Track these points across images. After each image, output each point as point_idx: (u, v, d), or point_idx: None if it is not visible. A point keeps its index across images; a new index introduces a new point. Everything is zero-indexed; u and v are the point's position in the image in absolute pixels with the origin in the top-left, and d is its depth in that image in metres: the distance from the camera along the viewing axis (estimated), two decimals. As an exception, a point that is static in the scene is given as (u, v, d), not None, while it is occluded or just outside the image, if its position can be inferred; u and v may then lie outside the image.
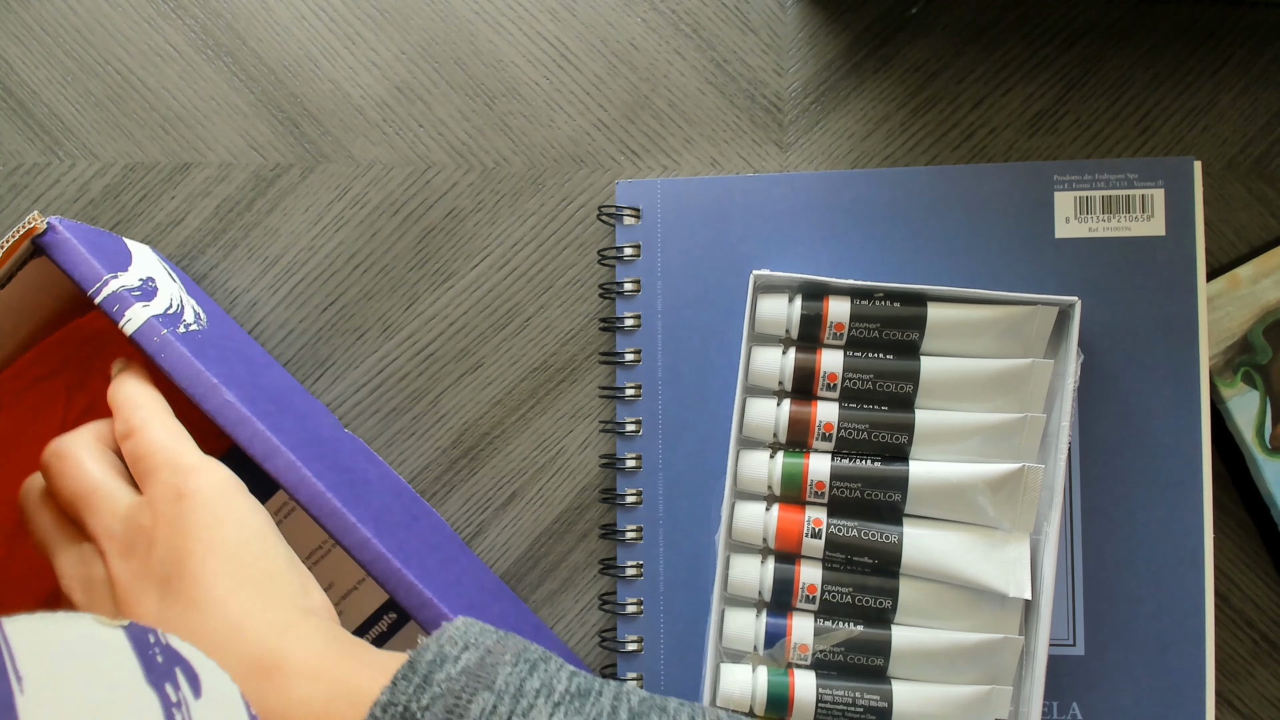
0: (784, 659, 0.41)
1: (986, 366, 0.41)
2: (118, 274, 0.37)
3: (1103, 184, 0.43)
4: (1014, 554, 0.40)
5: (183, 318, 0.39)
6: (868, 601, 0.40)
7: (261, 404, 0.38)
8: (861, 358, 0.42)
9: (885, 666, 0.40)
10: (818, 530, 0.41)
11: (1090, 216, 0.43)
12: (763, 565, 0.41)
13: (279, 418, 0.38)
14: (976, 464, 0.40)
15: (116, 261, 0.38)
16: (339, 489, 0.37)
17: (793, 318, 0.42)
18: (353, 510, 0.36)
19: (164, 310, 0.38)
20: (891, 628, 0.40)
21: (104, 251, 0.38)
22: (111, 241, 0.40)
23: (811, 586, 0.41)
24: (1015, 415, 0.40)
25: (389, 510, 0.40)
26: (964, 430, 0.41)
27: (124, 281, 0.37)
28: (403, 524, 0.40)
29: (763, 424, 0.42)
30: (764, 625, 0.41)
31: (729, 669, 0.41)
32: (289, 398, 0.42)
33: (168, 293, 0.40)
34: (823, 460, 0.41)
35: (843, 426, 0.41)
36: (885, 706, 0.39)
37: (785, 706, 0.40)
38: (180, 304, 0.40)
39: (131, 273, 0.38)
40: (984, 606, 0.40)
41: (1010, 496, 0.40)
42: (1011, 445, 0.41)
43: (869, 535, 0.40)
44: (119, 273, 0.37)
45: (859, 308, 0.42)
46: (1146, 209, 0.42)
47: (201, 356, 0.37)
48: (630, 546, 0.44)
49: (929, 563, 0.40)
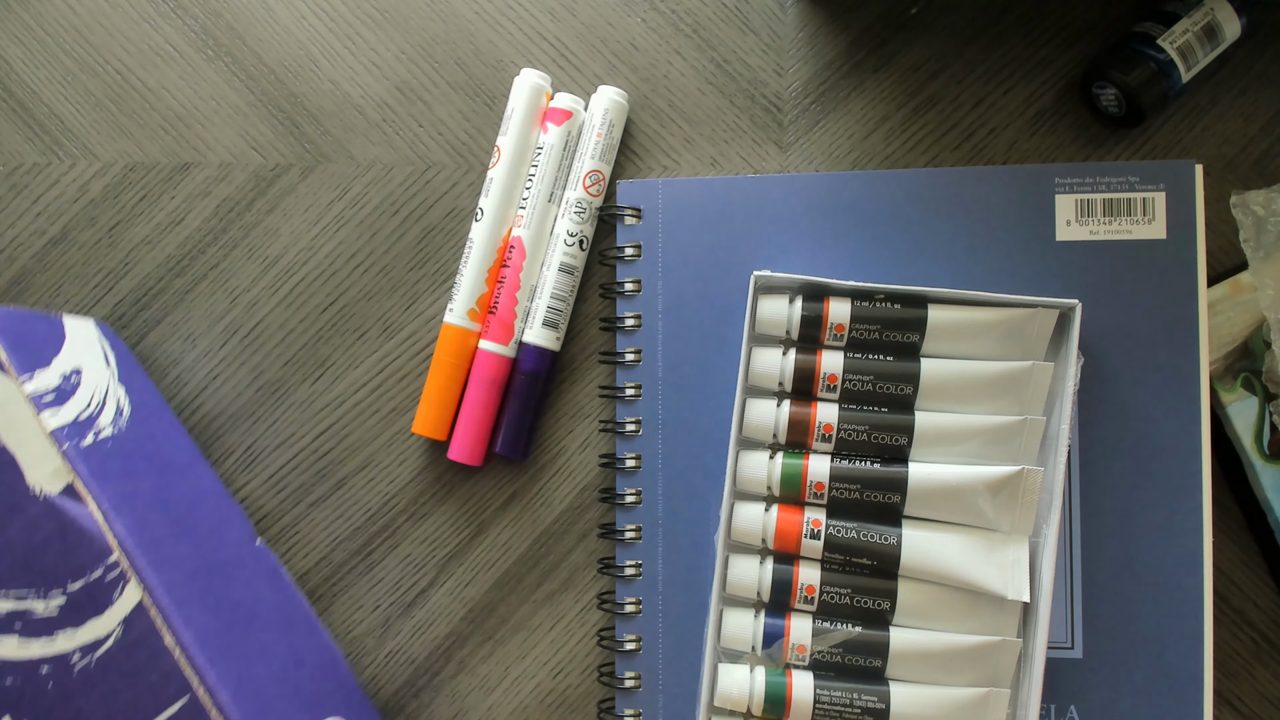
0: (782, 659, 0.41)
1: (987, 369, 0.41)
2: (35, 373, 0.36)
3: (1104, 187, 0.43)
4: (1013, 556, 0.40)
5: (95, 423, 0.38)
6: (866, 603, 0.41)
7: (153, 530, 0.37)
8: (862, 359, 0.42)
9: (883, 668, 0.40)
10: (817, 531, 0.41)
11: (1091, 219, 0.43)
12: (761, 566, 0.42)
13: (170, 545, 0.38)
14: (976, 466, 0.40)
15: (41, 355, 0.37)
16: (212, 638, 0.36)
17: (793, 319, 0.42)
18: (216, 667, 0.36)
19: (75, 417, 0.37)
20: (890, 629, 0.40)
21: (28, 344, 0.37)
22: (44, 326, 0.39)
23: (810, 587, 0.41)
24: (1015, 418, 0.40)
25: (266, 657, 0.39)
26: (964, 432, 0.41)
27: (39, 384, 0.36)
28: (276, 676, 0.39)
29: (762, 424, 0.42)
30: (762, 625, 0.41)
31: (727, 669, 0.41)
32: (196, 511, 0.42)
33: (90, 387, 0.39)
34: (822, 461, 0.41)
35: (842, 428, 0.41)
36: (882, 708, 0.39)
37: (783, 707, 0.40)
38: (102, 401, 0.39)
39: (54, 368, 0.38)
40: (982, 609, 0.40)
41: (1009, 499, 0.40)
42: (1011, 448, 0.41)
43: (868, 536, 0.41)
44: (37, 370, 0.37)
45: (860, 309, 0.42)
46: (1148, 212, 0.42)
47: (101, 475, 0.36)
48: (629, 546, 0.44)
49: (928, 564, 0.40)
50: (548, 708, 0.46)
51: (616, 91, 0.46)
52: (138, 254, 0.48)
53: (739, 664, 0.41)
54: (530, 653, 0.46)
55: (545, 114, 0.46)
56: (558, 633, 0.47)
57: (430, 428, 0.46)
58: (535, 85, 0.46)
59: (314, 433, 0.48)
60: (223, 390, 0.48)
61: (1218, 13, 0.43)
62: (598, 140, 0.45)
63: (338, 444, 0.48)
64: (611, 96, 0.46)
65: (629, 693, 0.44)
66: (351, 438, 0.48)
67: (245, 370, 0.48)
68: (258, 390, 0.48)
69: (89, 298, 0.48)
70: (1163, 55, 0.43)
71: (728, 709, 0.41)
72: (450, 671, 0.47)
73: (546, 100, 0.46)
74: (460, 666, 0.47)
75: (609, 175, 0.46)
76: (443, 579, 0.47)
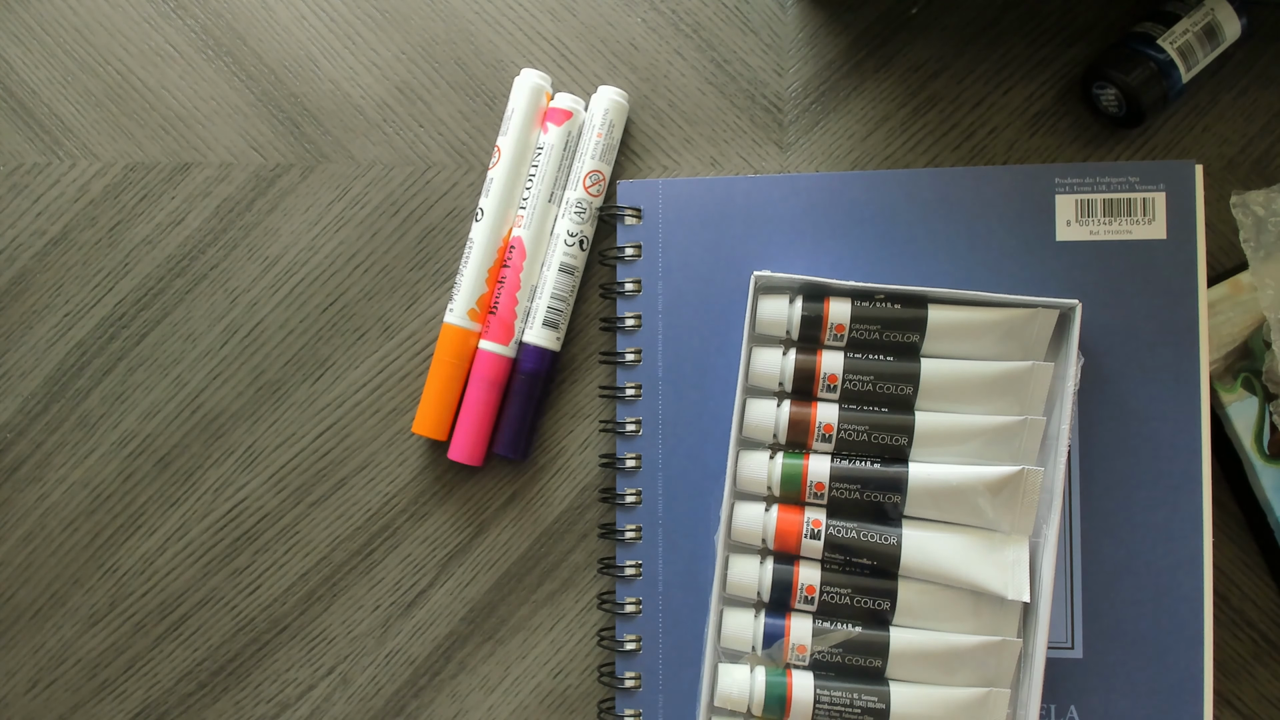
0: (782, 659, 0.41)
1: (987, 369, 0.41)
2: None
3: (1104, 187, 0.43)
4: (1013, 556, 0.40)
5: None
6: (866, 603, 0.41)
7: None
8: (862, 359, 0.42)
9: (883, 668, 0.40)
10: (817, 531, 0.41)
11: (1091, 219, 0.43)
12: (761, 566, 0.42)
13: None
14: (976, 466, 0.40)
15: None
16: None
17: (793, 319, 0.42)
18: None
19: None
20: (890, 629, 0.40)
21: None
22: None
23: (810, 587, 0.41)
24: (1015, 418, 0.40)
25: None
26: (964, 432, 0.41)
27: None
28: None
29: (763, 424, 0.42)
30: (763, 625, 0.41)
31: (727, 669, 0.41)
32: None
33: None
34: (822, 461, 0.41)
35: (843, 428, 0.41)
36: (883, 708, 0.39)
37: (783, 707, 0.40)
38: None
39: None
40: (983, 609, 0.40)
41: (1010, 499, 0.40)
42: (1011, 448, 0.41)
43: (868, 537, 0.41)
44: None
45: (860, 309, 0.42)
46: (1148, 212, 0.42)
47: None
48: (630, 546, 0.44)
49: (928, 565, 0.40)
50: (548, 708, 0.46)
51: (616, 91, 0.46)
52: (138, 254, 0.48)
53: (739, 664, 0.41)
54: (530, 653, 0.46)
55: (545, 114, 0.46)
56: (558, 633, 0.47)
57: (430, 428, 0.46)
58: (535, 85, 0.46)
59: (314, 433, 0.48)
60: (223, 390, 0.48)
61: (1218, 13, 0.43)
62: (598, 140, 0.45)
63: (338, 444, 0.48)
64: (611, 96, 0.46)
65: (629, 693, 0.44)
66: (352, 438, 0.48)
67: (245, 370, 0.48)
68: (258, 390, 0.48)
69: (89, 298, 0.48)
70: (1163, 55, 0.43)
71: (728, 709, 0.41)
72: (450, 671, 0.47)
73: (547, 100, 0.46)
74: (460, 666, 0.47)
75: (609, 175, 0.46)
76: (443, 579, 0.47)
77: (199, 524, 0.47)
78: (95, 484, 0.48)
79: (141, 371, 0.48)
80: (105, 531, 0.48)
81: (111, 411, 0.48)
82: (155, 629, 0.47)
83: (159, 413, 0.48)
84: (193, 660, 0.47)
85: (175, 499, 0.48)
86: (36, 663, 0.47)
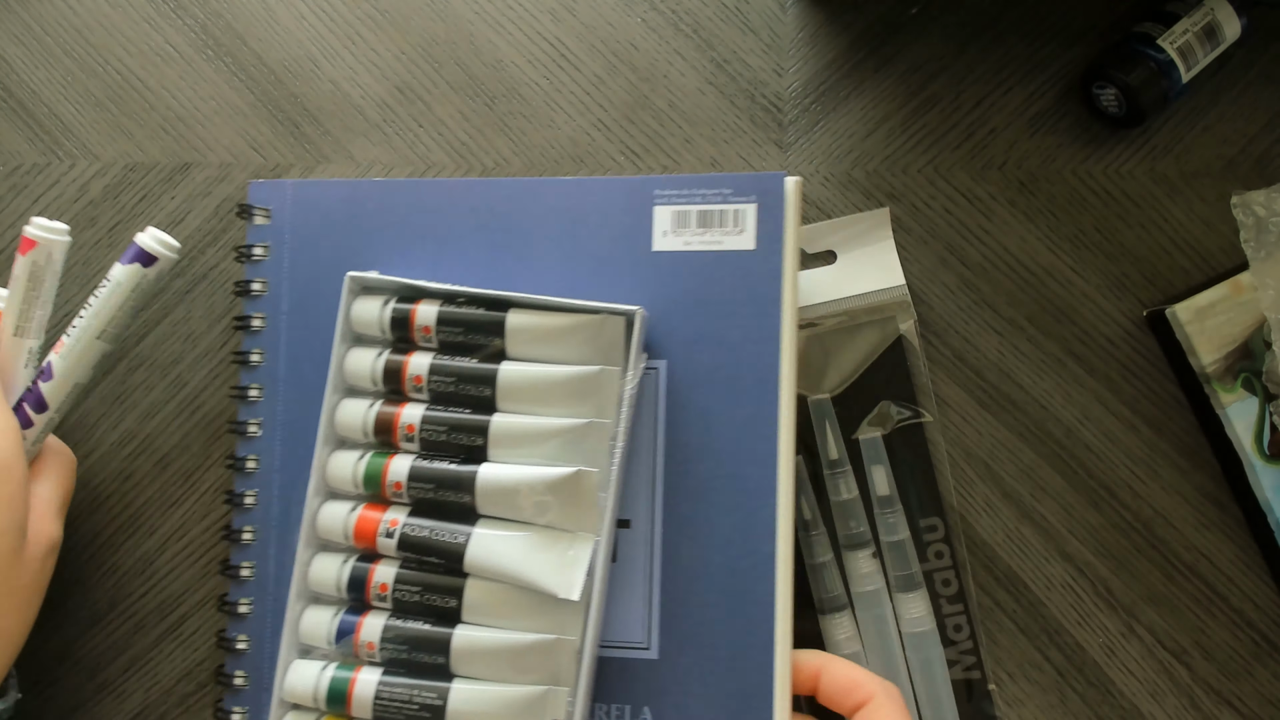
0: (352, 656, 0.41)
1: (559, 373, 0.41)
2: None
3: (699, 199, 0.43)
4: (571, 555, 0.40)
5: None
6: (436, 600, 0.41)
7: None
8: (448, 361, 0.42)
9: (447, 664, 0.40)
10: (392, 530, 0.41)
11: (686, 230, 0.43)
12: (344, 565, 0.42)
13: None
14: (538, 467, 0.40)
15: None
16: None
17: (384, 320, 0.43)
18: None
19: None
20: (457, 627, 0.41)
21: None
22: None
23: (384, 585, 0.41)
24: (582, 420, 0.41)
25: None
26: (538, 434, 0.41)
27: None
28: None
29: (353, 424, 0.42)
30: (338, 623, 0.41)
31: (298, 664, 0.41)
32: None
33: None
34: (404, 461, 0.42)
35: (424, 428, 0.41)
36: (440, 704, 0.40)
37: (344, 702, 0.40)
38: None
39: None
40: (549, 608, 0.40)
41: (571, 499, 0.40)
42: (583, 450, 0.41)
43: (440, 536, 0.41)
44: None
45: (445, 312, 0.42)
46: (739, 223, 0.42)
47: None
48: (244, 547, 0.45)
49: (490, 563, 0.40)
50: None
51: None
52: (138, 254, 0.48)
53: (312, 659, 0.42)
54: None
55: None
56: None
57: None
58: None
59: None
60: (223, 390, 0.48)
61: (1218, 13, 0.43)
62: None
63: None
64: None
65: (237, 691, 0.44)
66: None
67: (245, 370, 0.48)
68: (258, 390, 0.48)
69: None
70: (1163, 55, 0.43)
71: (294, 703, 0.41)
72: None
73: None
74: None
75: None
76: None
77: (199, 524, 0.47)
78: (95, 484, 0.48)
79: (141, 371, 0.48)
80: (105, 532, 0.48)
81: (111, 412, 0.48)
82: (155, 629, 0.47)
83: (159, 413, 0.48)
84: (193, 660, 0.47)
85: (175, 499, 0.48)
86: (36, 663, 0.47)
